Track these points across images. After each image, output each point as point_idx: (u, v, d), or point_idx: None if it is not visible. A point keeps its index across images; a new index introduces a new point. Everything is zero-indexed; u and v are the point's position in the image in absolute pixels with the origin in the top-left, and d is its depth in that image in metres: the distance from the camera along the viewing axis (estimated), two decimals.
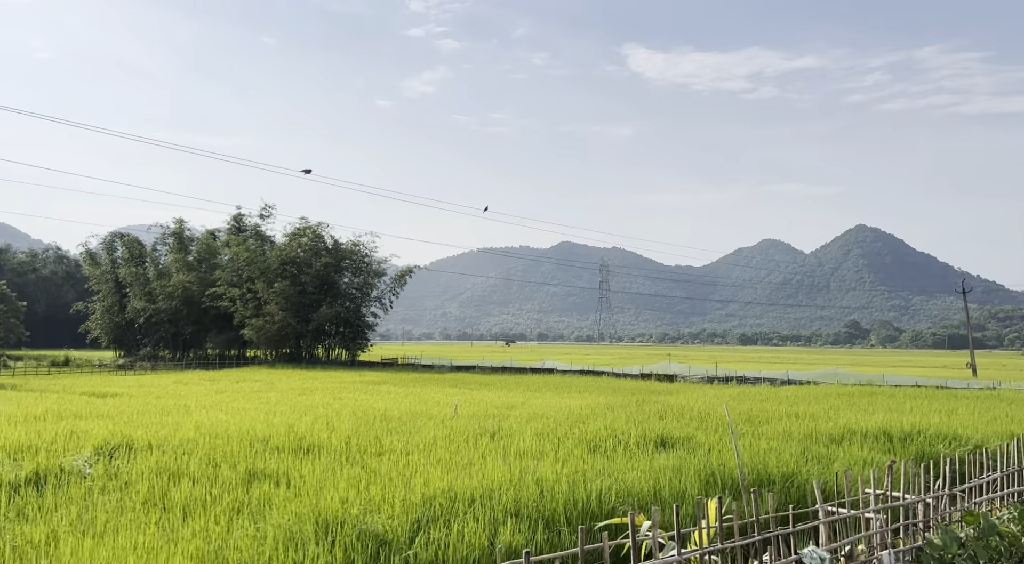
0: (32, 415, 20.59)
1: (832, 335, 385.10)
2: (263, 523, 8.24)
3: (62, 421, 19.21)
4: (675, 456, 12.94)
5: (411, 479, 10.52)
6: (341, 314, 64.43)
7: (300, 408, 24.89)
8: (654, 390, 38.44)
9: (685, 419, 20.44)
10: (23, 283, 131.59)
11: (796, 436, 17.04)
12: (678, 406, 24.87)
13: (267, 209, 71.14)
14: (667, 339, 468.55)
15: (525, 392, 36.64)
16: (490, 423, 18.14)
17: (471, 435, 16.08)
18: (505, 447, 13.83)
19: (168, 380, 45.25)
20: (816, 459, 13.89)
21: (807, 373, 47.65)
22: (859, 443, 16.18)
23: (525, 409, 26.15)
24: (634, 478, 10.94)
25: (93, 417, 20.55)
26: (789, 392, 33.21)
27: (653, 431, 15.52)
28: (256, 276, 64.53)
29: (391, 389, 38.64)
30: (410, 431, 16.92)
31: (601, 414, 22.51)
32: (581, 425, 17.85)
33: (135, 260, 73.80)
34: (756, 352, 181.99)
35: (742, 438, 15.90)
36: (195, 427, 17.04)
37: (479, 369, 58.39)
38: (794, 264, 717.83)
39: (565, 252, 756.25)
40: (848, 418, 20.69)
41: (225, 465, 11.45)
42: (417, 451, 13.50)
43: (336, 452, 13.24)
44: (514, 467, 11.72)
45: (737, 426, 18.65)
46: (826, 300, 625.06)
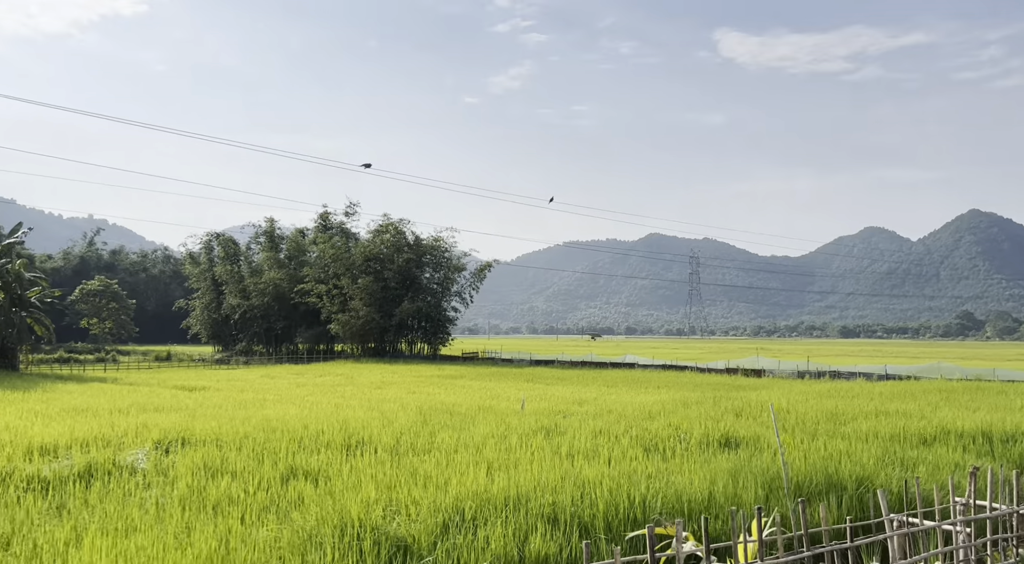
0: (116, 408, 21.50)
1: (942, 327, 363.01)
2: (285, 524, 8.04)
3: (142, 414, 19.96)
4: (738, 458, 12.07)
5: (449, 479, 10.15)
6: (422, 309, 65.34)
7: (369, 402, 25.10)
8: (738, 385, 36.88)
9: (763, 417, 19.30)
10: (134, 282, 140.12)
11: (881, 436, 15.73)
12: (758, 403, 23.61)
13: (352, 207, 73.01)
14: (762, 332, 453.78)
15: (600, 388, 35.91)
16: (549, 420, 17.61)
17: (527, 432, 15.62)
18: (557, 446, 13.30)
19: (257, 374, 46.89)
20: (899, 462, 12.70)
21: (908, 367, 44.71)
22: (952, 445, 14.75)
23: (595, 405, 25.51)
24: (685, 482, 10.19)
25: (171, 410, 21.28)
26: (884, 388, 31.13)
27: (718, 430, 14.61)
28: (341, 272, 66.29)
29: (466, 383, 38.67)
30: (467, 427, 16.63)
31: (672, 411, 21.62)
32: (645, 423, 17.10)
33: (230, 259, 77.21)
34: (857, 345, 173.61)
35: (817, 438, 14.75)
36: (258, 421, 17.31)
37: (558, 363, 57.85)
38: (900, 252, 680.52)
39: (653, 244, 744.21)
40: (944, 416, 19.03)
41: (269, 461, 11.42)
42: (466, 449, 13.15)
43: (384, 449, 13.05)
44: (560, 468, 11.19)
45: (817, 425, 17.42)
46: (936, 290, 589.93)
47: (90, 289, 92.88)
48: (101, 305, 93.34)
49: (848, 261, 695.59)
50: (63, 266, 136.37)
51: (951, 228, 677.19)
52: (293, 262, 74.06)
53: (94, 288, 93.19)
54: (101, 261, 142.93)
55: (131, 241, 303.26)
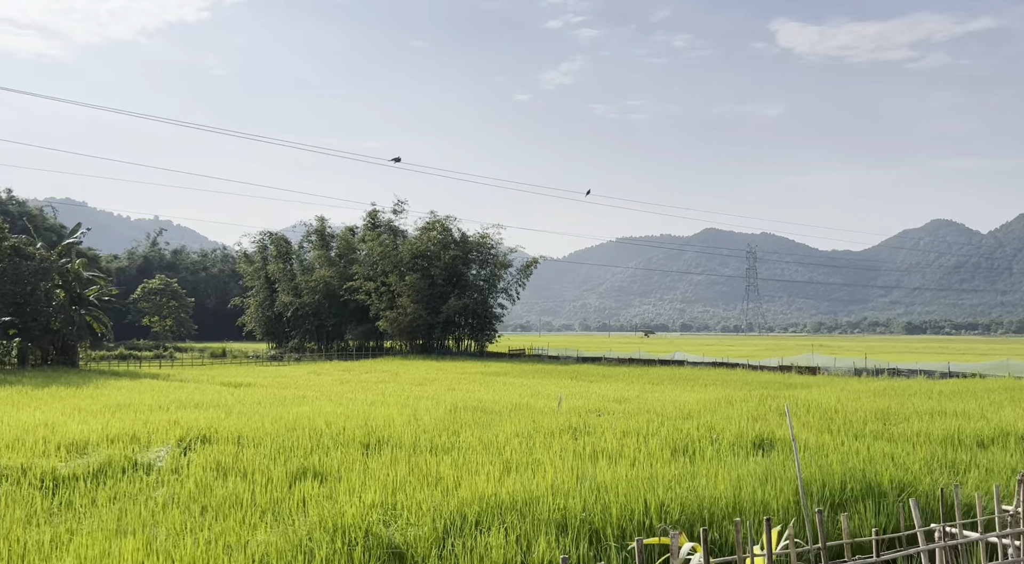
0: (157, 405, 21.85)
1: (1016, 323, 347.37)
2: (280, 528, 7.81)
3: (179, 411, 20.20)
4: (770, 461, 11.40)
5: (460, 481, 9.80)
6: (469, 305, 65.29)
7: (405, 400, 24.99)
8: (789, 383, 35.63)
9: (808, 417, 18.43)
10: (195, 281, 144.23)
11: (933, 438, 14.78)
12: (806, 402, 22.65)
13: (399, 204, 73.39)
14: (823, 328, 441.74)
15: (644, 385, 35.14)
16: (581, 419, 17.12)
17: (555, 431, 15.19)
18: (582, 446, 12.83)
19: (305, 371, 47.50)
20: (948, 467, 11.83)
21: (974, 365, 42.57)
22: (1012, 448, 13.74)
23: (635, 403, 24.89)
24: (709, 486, 9.61)
25: (208, 407, 21.51)
26: (945, 386, 29.59)
27: (753, 430, 13.90)
28: (389, 270, 66.75)
29: (508, 380, 38.36)
30: (494, 425, 16.27)
31: (713, 410, 20.89)
32: (681, 422, 16.47)
33: (282, 257, 78.60)
34: (922, 342, 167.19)
35: (861, 439, 13.91)
36: (289, 418, 17.29)
37: (605, 361, 57.08)
38: (969, 245, 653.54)
39: (709, 239, 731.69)
40: (1007, 417, 17.86)
41: (283, 460, 11.26)
42: (487, 449, 12.79)
43: (404, 447, 12.79)
44: (580, 470, 10.72)
45: (864, 425, 16.50)
46: (1008, 284, 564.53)
47: (151, 288, 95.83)
48: (161, 303, 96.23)
49: (914, 254, 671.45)
50: (128, 266, 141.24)
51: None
52: (343, 260, 74.96)
53: (155, 287, 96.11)
54: (163, 261, 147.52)
55: (194, 241, 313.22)
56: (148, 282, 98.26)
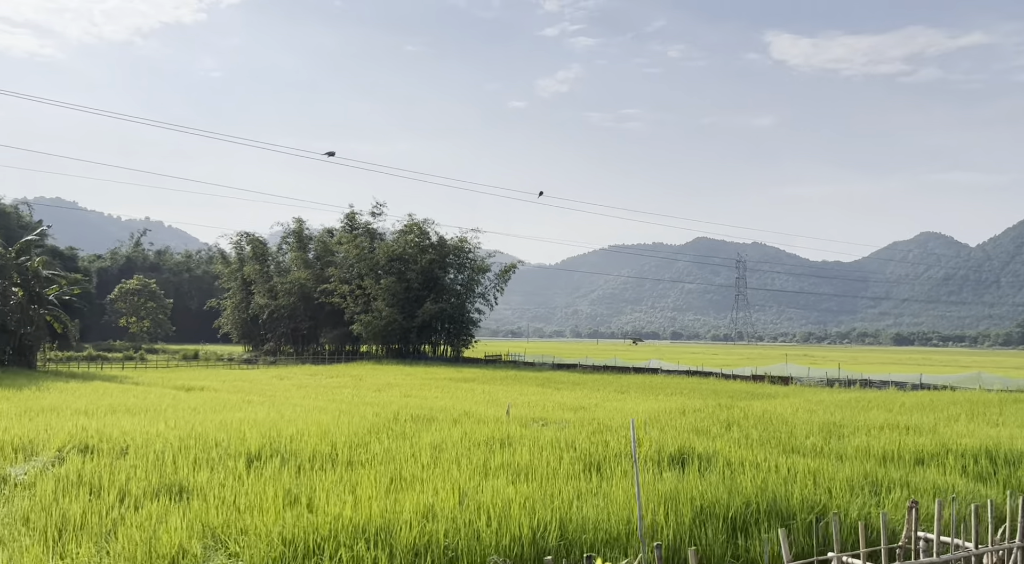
0: (84, 409, 20.93)
1: (1003, 335, 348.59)
2: (77, 558, 7.01)
3: (101, 416, 19.34)
4: (682, 478, 10.65)
5: (330, 499, 8.99)
6: (445, 310, 64.39)
7: (351, 406, 24.18)
8: (756, 394, 34.96)
9: (751, 430, 17.70)
10: (178, 282, 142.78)
11: (873, 453, 14.09)
12: (761, 414, 21.96)
13: (378, 207, 72.53)
14: (812, 339, 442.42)
15: (610, 393, 34.41)
16: (520, 429, 16.33)
17: (480, 442, 14.41)
18: (490, 461, 12.05)
19: (270, 375, 46.58)
20: (878, 485, 11.10)
21: (947, 377, 42.03)
22: (950, 465, 13.05)
23: (590, 412, 24.17)
24: (601, 509, 8.84)
25: (137, 412, 20.65)
26: (911, 398, 28.97)
27: (676, 445, 13.15)
28: (365, 273, 65.82)
29: (474, 387, 37.57)
30: (423, 435, 15.48)
31: (665, 420, 20.20)
32: (614, 434, 15.72)
33: (258, 258, 77.49)
34: (907, 353, 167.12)
35: (792, 455, 13.17)
36: (207, 425, 16.47)
37: (580, 367, 56.33)
38: (957, 258, 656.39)
39: (701, 248, 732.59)
40: (956, 432, 17.18)
41: (155, 474, 10.43)
42: (392, 461, 11.99)
43: (302, 460, 11.97)
44: (475, 486, 9.94)
45: (805, 440, 15.78)
46: (996, 297, 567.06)
47: (128, 288, 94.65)
48: (139, 304, 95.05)
49: (903, 266, 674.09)
50: (110, 266, 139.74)
51: (1013, 233, 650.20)
52: (320, 262, 73.95)
53: (132, 287, 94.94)
54: (146, 261, 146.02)
55: (186, 243, 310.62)
56: (126, 282, 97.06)
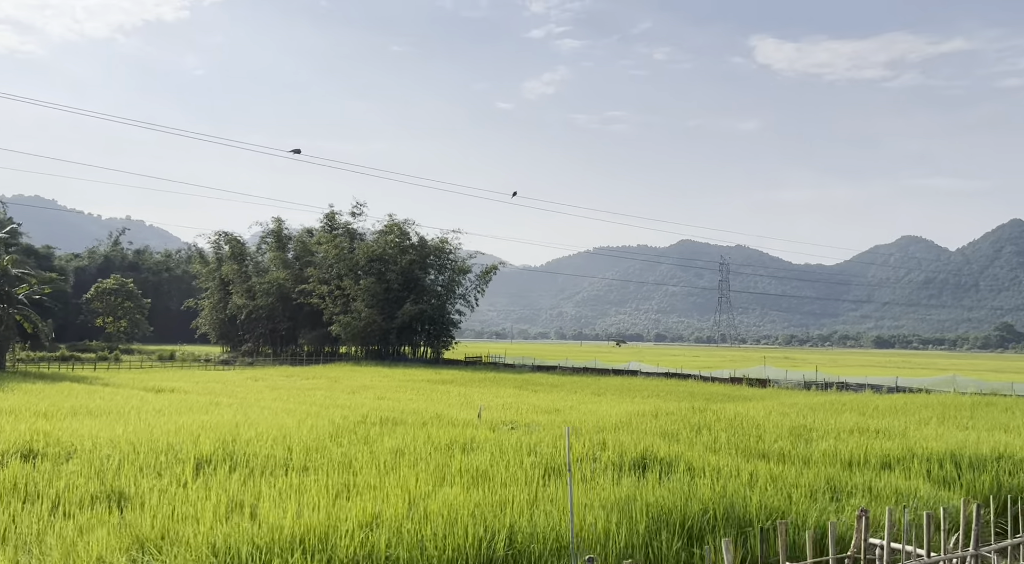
0: (43, 411, 20.47)
1: (981, 339, 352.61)
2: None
3: (60, 419, 18.91)
4: (641, 484, 10.44)
5: (271, 508, 8.68)
6: (425, 311, 63.96)
7: (320, 408, 23.85)
8: (732, 396, 34.93)
9: (720, 433, 17.56)
10: (158, 281, 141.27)
11: (840, 458, 13.98)
12: (733, 417, 21.83)
13: (358, 207, 71.98)
14: (795, 341, 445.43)
15: (586, 396, 34.26)
16: (488, 433, 16.08)
17: (442, 446, 14.14)
18: (448, 466, 11.78)
19: (245, 376, 46.05)
20: (840, 490, 10.96)
21: (922, 379, 42.25)
22: (915, 470, 12.94)
23: (564, 415, 23.99)
24: (551, 517, 8.61)
25: (100, 415, 20.24)
26: (884, 401, 29.00)
27: (638, 449, 12.95)
28: (344, 273, 65.28)
29: (450, 389, 37.29)
30: (386, 439, 15.19)
31: (636, 424, 19.98)
32: (593, 435, 15.49)
33: (236, 258, 76.64)
34: (886, 356, 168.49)
35: (755, 460, 13.03)
36: (166, 428, 16.10)
37: (560, 369, 56.18)
38: (938, 262, 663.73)
39: (685, 251, 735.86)
40: (925, 436, 17.11)
41: (96, 480, 10.08)
42: (344, 467, 11.70)
43: (253, 466, 11.64)
44: (425, 493, 9.68)
45: (773, 444, 15.64)
46: (975, 301, 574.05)
47: (105, 288, 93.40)
48: (116, 304, 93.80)
49: (884, 270, 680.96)
50: (88, 265, 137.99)
51: (991, 238, 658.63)
52: (299, 262, 73.25)
53: (109, 287, 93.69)
54: (125, 260, 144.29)
55: (168, 242, 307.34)
56: (102, 282, 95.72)
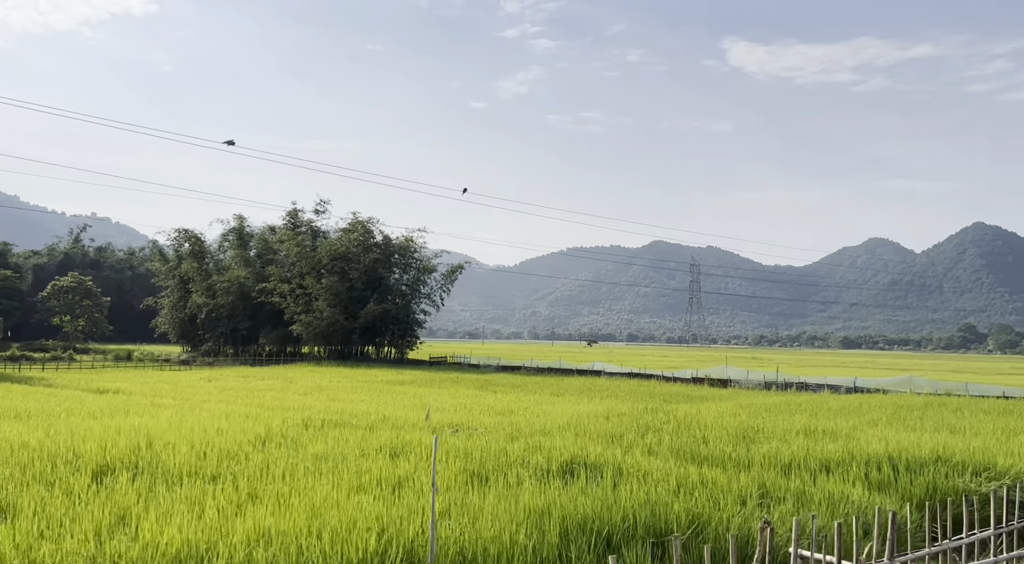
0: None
1: (944, 339, 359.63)
2: None
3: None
4: (563, 493, 10.01)
5: (160, 521, 8.10)
6: (390, 311, 63.04)
7: (267, 410, 23.15)
8: (691, 396, 34.77)
9: (663, 435, 17.23)
10: (120, 279, 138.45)
11: (780, 461, 13.69)
12: (683, 418, 21.54)
13: (322, 204, 70.81)
14: (764, 341, 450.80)
15: (545, 396, 33.84)
16: (429, 436, 15.56)
17: (371, 451, 13.60)
18: (370, 472, 11.26)
19: (199, 376, 44.97)
20: (767, 498, 10.63)
21: (879, 380, 42.54)
22: (854, 473, 12.67)
23: (518, 416, 23.53)
24: (462, 527, 8.14)
25: (28, 417, 19.46)
26: (841, 402, 28.99)
27: (568, 454, 12.55)
28: (307, 271, 64.13)
29: (408, 390, 36.66)
30: (316, 443, 14.61)
31: (586, 425, 19.57)
32: (539, 439, 15.07)
33: (196, 256, 75.01)
34: (853, 356, 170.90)
35: (690, 464, 12.68)
36: (89, 432, 15.36)
37: (524, 370, 55.79)
38: (903, 264, 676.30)
39: (657, 252, 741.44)
40: (868, 437, 16.93)
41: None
42: (259, 475, 11.10)
43: (155, 473, 11.01)
44: (334, 502, 9.15)
45: (717, 446, 15.34)
46: (939, 302, 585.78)
47: (62, 286, 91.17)
48: (74, 302, 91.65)
49: (852, 271, 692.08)
50: (47, 262, 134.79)
51: (955, 240, 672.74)
52: (261, 260, 71.86)
53: (67, 285, 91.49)
54: (87, 258, 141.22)
55: (134, 240, 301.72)
56: (60, 280, 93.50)
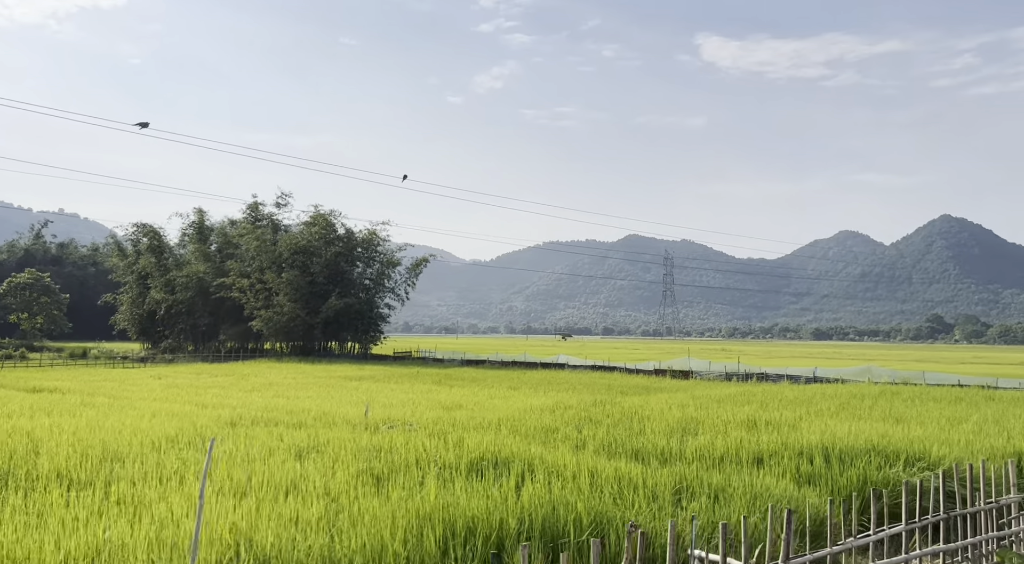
0: None
1: (913, 330, 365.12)
2: None
3: None
4: (464, 490, 9.35)
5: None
6: (353, 306, 61.87)
7: (201, 407, 22.25)
8: (649, 388, 34.36)
9: (609, 429, 16.66)
10: (83, 276, 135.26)
11: (711, 455, 13.16)
12: (628, 410, 21.04)
13: (283, 197, 69.34)
14: (737, 333, 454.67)
15: (500, 390, 33.16)
16: (357, 434, 14.83)
17: (281, 450, 12.85)
18: (264, 473, 10.50)
19: (152, 374, 43.74)
20: (682, 493, 10.05)
21: (839, 370, 42.50)
22: (784, 465, 12.17)
23: (463, 412, 22.81)
24: (333, 534, 7.44)
25: None
26: (795, 392, 28.69)
27: (482, 449, 11.91)
28: (267, 266, 62.72)
29: (363, 386, 35.78)
30: (223, 444, 13.81)
31: (526, 419, 18.97)
32: (467, 435, 14.38)
33: (154, 250, 73.22)
34: (822, 348, 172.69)
35: (621, 458, 12.10)
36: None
37: (488, 363, 55.15)
38: (873, 256, 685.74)
39: (633, 245, 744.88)
40: (811, 428, 16.49)
41: None
42: (142, 478, 10.31)
43: (22, 480, 10.18)
44: (180, 515, 8.40)
45: (655, 439, 14.79)
46: (907, 293, 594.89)
47: (18, 282, 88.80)
48: (31, 299, 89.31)
49: (823, 264, 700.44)
50: (7, 259, 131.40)
51: (923, 233, 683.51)
52: (221, 255, 70.27)
53: (23, 281, 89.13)
54: (48, 254, 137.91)
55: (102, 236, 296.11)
56: (15, 276, 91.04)
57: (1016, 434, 16.50)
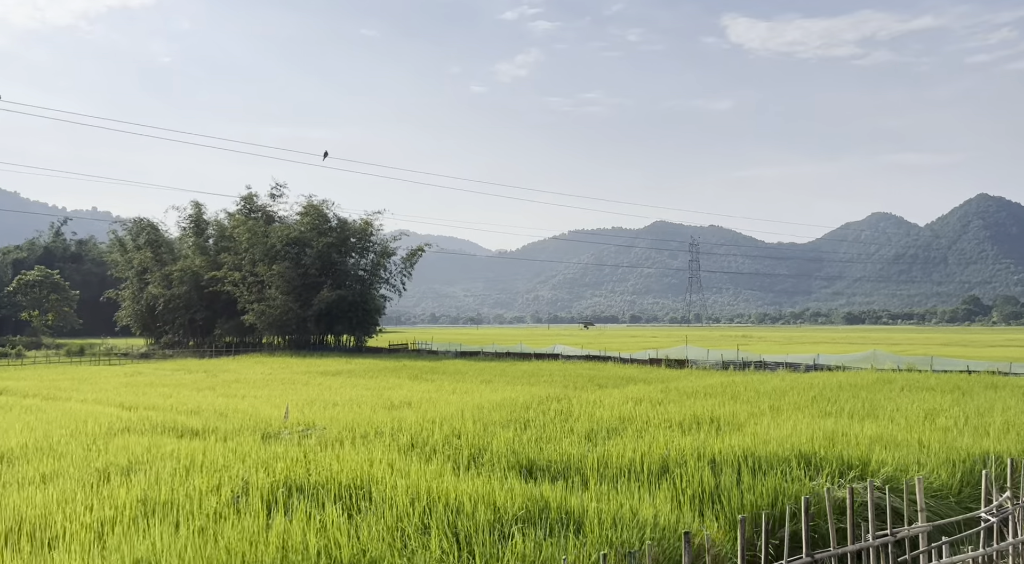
0: None
1: (949, 313, 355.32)
2: None
3: None
4: (232, 526, 7.66)
5: None
6: (347, 297, 60.40)
7: (114, 410, 20.98)
8: (631, 379, 32.37)
9: (537, 429, 14.89)
10: (102, 273, 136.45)
11: (615, 464, 11.31)
12: (579, 407, 19.31)
13: (277, 188, 68.15)
14: (767, 319, 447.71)
15: (472, 384, 31.38)
16: (242, 439, 13.28)
17: (102, 468, 11.31)
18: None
19: (125, 371, 42.82)
20: (528, 523, 8.24)
21: (841, 356, 40.10)
22: (688, 477, 10.26)
23: (415, 410, 21.25)
24: None
25: None
26: (778, 382, 26.52)
27: (338, 470, 10.20)
28: (259, 258, 61.53)
29: (331, 382, 34.34)
30: (98, 452, 12.37)
31: (457, 419, 17.27)
32: (346, 446, 12.76)
33: (151, 245, 72.62)
34: (850, 332, 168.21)
35: (510, 470, 10.29)
36: None
37: (483, 355, 53.44)
38: (907, 238, 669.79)
39: (659, 232, 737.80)
40: (754, 429, 14.54)
41: None
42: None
43: None
44: None
45: (572, 439, 12.97)
46: (943, 275, 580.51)
47: (28, 280, 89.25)
48: (41, 297, 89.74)
49: (856, 247, 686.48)
50: (27, 257, 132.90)
51: (959, 213, 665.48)
52: (216, 248, 69.36)
53: (33, 279, 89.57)
54: (67, 251, 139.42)
55: None
56: (26, 274, 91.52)
57: (996, 430, 14.37)
